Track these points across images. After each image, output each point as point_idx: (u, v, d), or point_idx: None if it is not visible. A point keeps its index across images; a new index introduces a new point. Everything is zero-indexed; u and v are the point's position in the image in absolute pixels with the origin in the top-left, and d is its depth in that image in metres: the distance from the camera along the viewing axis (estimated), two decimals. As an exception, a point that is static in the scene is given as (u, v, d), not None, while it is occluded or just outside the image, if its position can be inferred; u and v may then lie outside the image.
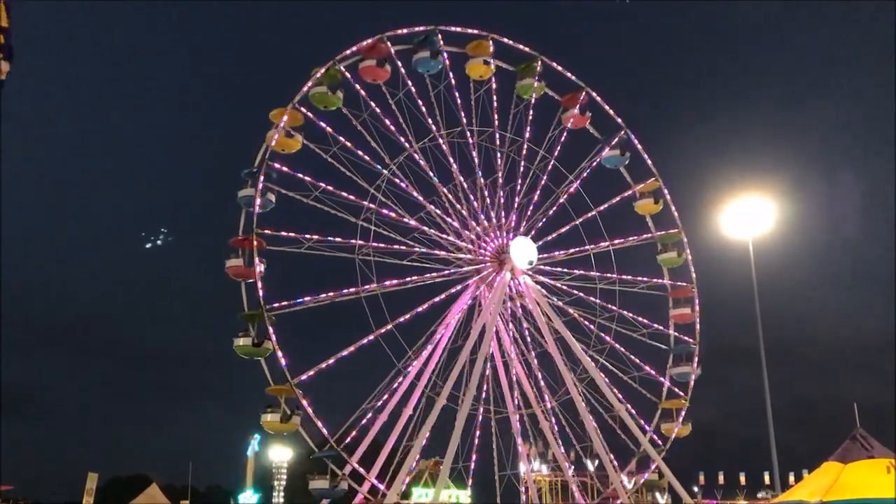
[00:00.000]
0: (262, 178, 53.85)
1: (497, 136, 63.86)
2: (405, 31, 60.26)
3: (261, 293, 52.16)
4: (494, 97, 63.95)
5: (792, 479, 71.54)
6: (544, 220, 64.30)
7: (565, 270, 64.46)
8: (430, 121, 61.13)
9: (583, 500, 66.11)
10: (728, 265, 63.43)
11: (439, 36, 60.93)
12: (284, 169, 55.99)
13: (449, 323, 60.67)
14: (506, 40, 63.59)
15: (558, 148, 65.86)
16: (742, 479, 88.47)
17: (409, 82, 60.38)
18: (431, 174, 60.90)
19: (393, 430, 58.92)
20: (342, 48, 57.99)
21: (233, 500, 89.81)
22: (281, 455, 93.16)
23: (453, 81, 62.09)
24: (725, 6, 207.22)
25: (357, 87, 58.91)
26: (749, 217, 44.57)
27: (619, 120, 67.16)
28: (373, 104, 59.09)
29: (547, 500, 73.23)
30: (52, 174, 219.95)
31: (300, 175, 56.29)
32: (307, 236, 55.21)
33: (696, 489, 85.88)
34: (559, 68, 65.68)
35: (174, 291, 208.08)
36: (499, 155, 63.71)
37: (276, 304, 52.75)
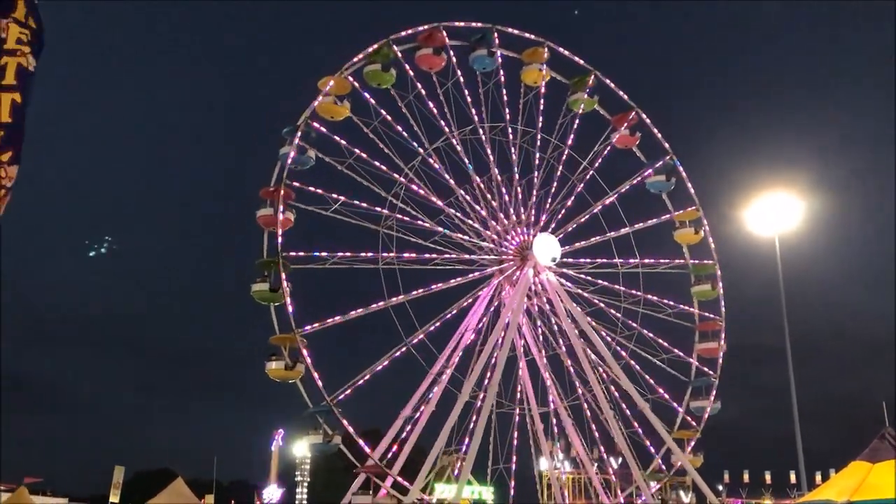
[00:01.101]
0: (298, 133, 54.66)
1: (539, 137, 64.09)
2: (461, 24, 61.07)
3: (280, 241, 52.87)
4: (542, 100, 64.36)
5: (819, 478, 70.67)
6: (575, 226, 64.02)
7: (589, 279, 63.90)
8: (473, 112, 61.69)
9: (606, 498, 65.83)
10: (754, 262, 62.79)
11: (495, 35, 61.61)
12: (322, 129, 56.74)
13: (470, 319, 60.69)
14: (561, 49, 64.20)
15: (599, 160, 65.77)
16: (768, 477, 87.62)
17: (459, 73, 61.02)
18: (467, 162, 61.29)
19: (415, 428, 59.24)
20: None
21: (257, 494, 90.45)
22: (304, 450, 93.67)
23: (503, 79, 62.90)
24: (751, 5, 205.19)
25: (407, 67, 59.62)
26: (775, 214, 44.03)
27: (667, 145, 66.76)
28: (419, 85, 59.73)
29: (570, 498, 72.94)
30: (75, 176, 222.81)
31: (336, 138, 57.11)
32: (334, 196, 55.68)
33: (720, 488, 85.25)
34: (611, 84, 65.77)
35: (201, 289, 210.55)
36: (537, 156, 63.82)
37: (293, 253, 53.46)
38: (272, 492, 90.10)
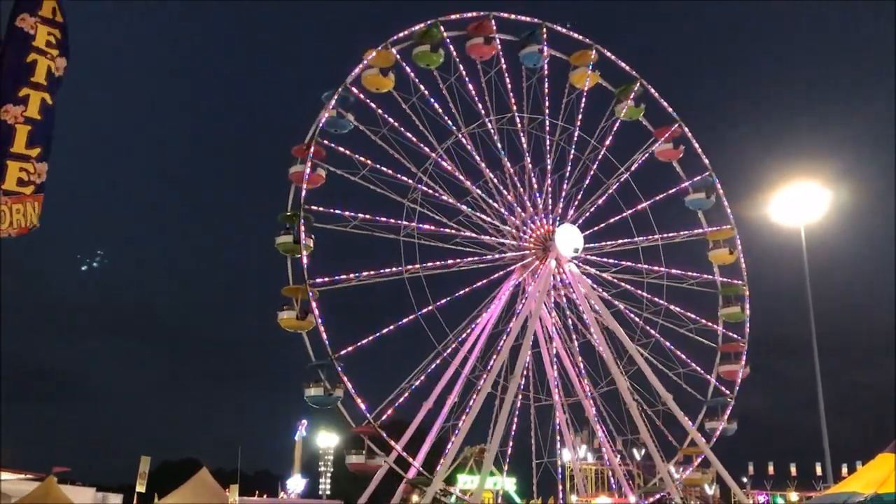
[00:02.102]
0: (335, 96, 55.72)
1: (576, 136, 64.27)
2: (512, 16, 62.11)
3: (304, 194, 54.01)
4: (584, 98, 64.87)
5: (845, 470, 69.97)
6: (602, 226, 64.21)
7: (613, 280, 63.71)
8: (513, 101, 62.24)
9: (629, 489, 65.68)
10: (779, 253, 62.13)
11: (544, 31, 62.37)
12: (361, 96, 57.50)
13: (492, 309, 60.64)
14: (607, 53, 64.82)
15: (635, 166, 65.96)
16: (793, 469, 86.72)
17: (503, 60, 61.83)
18: (500, 147, 61.63)
19: (437, 418, 59.44)
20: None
21: (281, 484, 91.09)
22: (328, 440, 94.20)
23: (546, 70, 63.55)
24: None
25: (452, 49, 60.31)
26: (801, 204, 43.50)
27: (707, 161, 66.50)
28: (462, 68, 60.52)
29: (591, 489, 72.81)
30: (101, 173, 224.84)
31: (373, 105, 57.92)
32: (361, 159, 56.49)
33: (745, 480, 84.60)
34: (655, 94, 66.06)
35: (225, 281, 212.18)
36: (572, 153, 64.04)
37: (314, 207, 54.54)
38: (296, 482, 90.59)
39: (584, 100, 64.70)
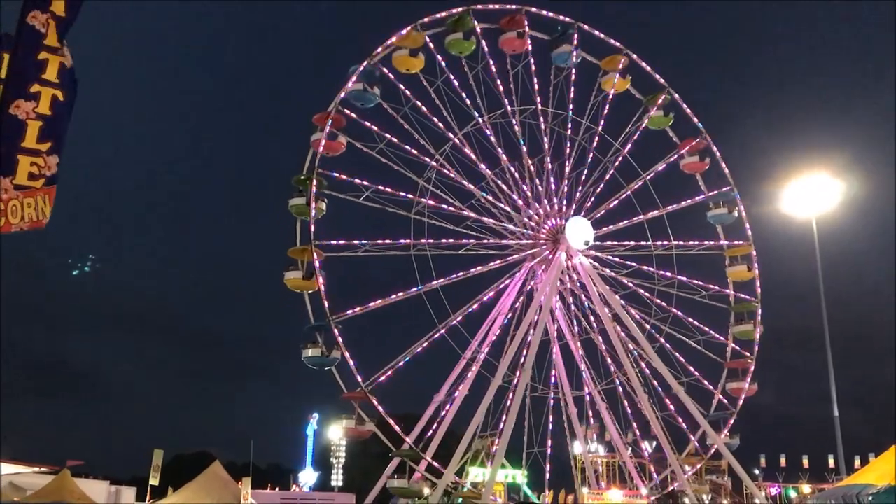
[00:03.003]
0: (360, 69, 56.37)
1: (598, 135, 64.53)
2: (547, 13, 62.58)
3: (318, 158, 54.91)
4: (609, 99, 65.07)
5: (858, 462, 69.73)
6: (617, 225, 64.11)
7: (624, 282, 63.54)
8: (538, 98, 62.67)
9: (640, 481, 65.65)
10: (790, 244, 61.78)
11: (575, 31, 62.83)
12: (386, 71, 58.16)
13: (502, 299, 60.68)
14: (635, 57, 65.00)
15: (655, 172, 65.98)
16: (805, 462, 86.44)
17: (531, 56, 62.26)
18: (523, 142, 62.15)
19: (449, 410, 59.52)
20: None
21: (292, 478, 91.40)
22: (339, 434, 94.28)
23: (573, 68, 63.70)
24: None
25: (481, 38, 60.54)
26: (813, 195, 43.23)
27: (728, 174, 66.39)
28: (487, 56, 60.84)
29: (603, 481, 72.82)
30: (109, 165, 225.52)
31: (398, 83, 58.79)
32: (381, 132, 57.22)
33: (757, 472, 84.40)
34: (683, 104, 66.22)
35: (240, 276, 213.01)
36: (591, 151, 64.17)
37: (325, 171, 55.28)
38: (308, 475, 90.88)
39: (609, 101, 64.84)
